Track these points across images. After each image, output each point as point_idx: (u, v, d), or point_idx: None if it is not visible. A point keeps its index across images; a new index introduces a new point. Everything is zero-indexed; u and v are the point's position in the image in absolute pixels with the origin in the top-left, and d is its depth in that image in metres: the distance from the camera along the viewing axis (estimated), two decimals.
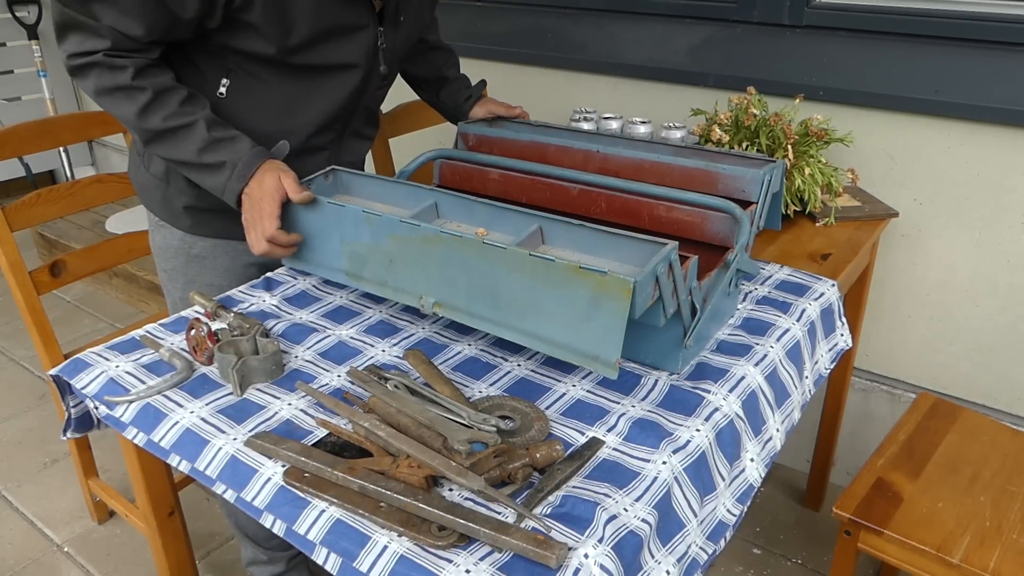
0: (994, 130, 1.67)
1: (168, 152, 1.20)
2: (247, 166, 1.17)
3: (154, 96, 1.16)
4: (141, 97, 1.15)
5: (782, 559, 1.92)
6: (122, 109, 1.17)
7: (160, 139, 1.18)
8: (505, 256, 0.99)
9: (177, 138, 1.17)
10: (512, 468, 0.89)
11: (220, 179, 1.18)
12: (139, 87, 1.15)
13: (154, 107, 1.16)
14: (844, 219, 1.64)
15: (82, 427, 1.18)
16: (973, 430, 1.54)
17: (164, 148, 1.19)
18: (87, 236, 3.18)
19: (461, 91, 1.66)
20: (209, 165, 1.18)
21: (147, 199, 1.41)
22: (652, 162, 1.31)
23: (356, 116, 1.40)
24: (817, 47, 1.86)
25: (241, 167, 1.17)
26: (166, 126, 1.16)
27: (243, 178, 1.17)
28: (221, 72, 1.25)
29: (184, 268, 1.41)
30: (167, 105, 1.17)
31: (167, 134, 1.17)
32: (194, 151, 1.17)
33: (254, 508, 0.90)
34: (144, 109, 1.16)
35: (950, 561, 1.25)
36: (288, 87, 1.28)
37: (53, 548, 1.98)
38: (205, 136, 1.17)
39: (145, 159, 1.37)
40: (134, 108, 1.16)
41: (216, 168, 1.18)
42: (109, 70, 1.14)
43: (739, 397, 1.06)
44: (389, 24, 1.32)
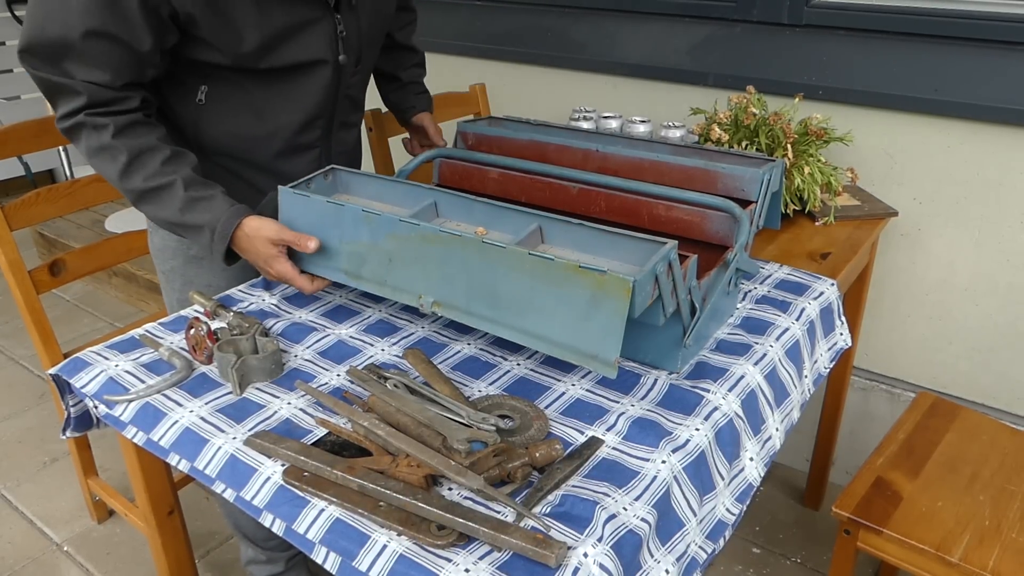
0: (994, 129, 1.67)
1: (154, 212, 1.19)
2: (226, 227, 1.16)
3: (132, 159, 1.16)
4: (120, 158, 1.15)
5: (781, 558, 1.92)
6: (107, 170, 1.17)
7: (143, 199, 1.18)
8: (504, 255, 0.99)
9: (159, 198, 1.17)
10: (511, 467, 0.89)
11: (203, 241, 1.18)
12: (118, 147, 1.15)
13: (135, 167, 1.16)
14: (843, 218, 1.64)
15: (81, 426, 1.18)
16: (972, 429, 1.54)
17: (150, 208, 1.19)
18: (86, 235, 3.18)
19: (408, 98, 1.66)
20: (190, 226, 1.18)
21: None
22: (651, 161, 1.31)
23: (339, 108, 1.39)
24: (816, 46, 1.86)
25: (220, 229, 1.16)
26: (147, 186, 1.16)
27: (223, 240, 1.16)
28: (199, 80, 1.25)
29: (183, 269, 1.41)
30: (147, 165, 1.16)
31: (149, 194, 1.17)
32: (176, 211, 1.17)
33: (253, 507, 0.90)
34: (125, 169, 1.16)
35: (949, 560, 1.25)
36: (263, 90, 1.27)
37: (53, 547, 1.98)
38: (182, 196, 1.16)
39: None
40: (116, 169, 1.16)
41: (197, 231, 1.18)
42: (94, 130, 1.15)
43: (738, 396, 1.06)
44: (345, 11, 1.29)
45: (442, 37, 2.42)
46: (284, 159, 1.31)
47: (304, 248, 1.15)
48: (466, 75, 2.25)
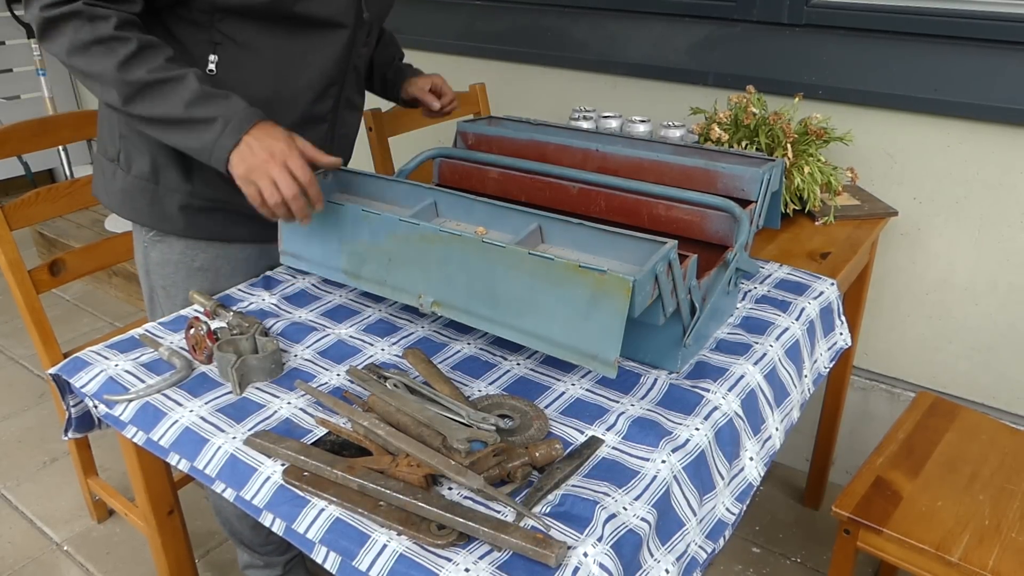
0: (993, 129, 1.67)
1: (150, 108, 1.07)
2: (242, 121, 1.07)
3: (139, 48, 1.06)
4: (123, 49, 1.05)
5: (781, 558, 1.92)
6: (99, 64, 1.06)
7: (142, 93, 1.07)
8: (504, 255, 0.99)
9: (163, 92, 1.07)
10: (511, 467, 0.89)
11: (209, 136, 1.07)
12: (122, 37, 1.05)
13: (139, 59, 1.06)
14: (843, 218, 1.64)
15: (83, 427, 1.18)
16: (972, 429, 1.55)
17: (145, 104, 1.07)
18: (86, 235, 3.18)
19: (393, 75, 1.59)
20: (197, 120, 1.07)
21: (129, 208, 1.32)
22: (651, 161, 1.31)
23: (348, 80, 1.36)
24: (816, 46, 1.86)
25: (235, 122, 1.06)
26: (152, 78, 1.06)
27: (237, 133, 1.06)
28: (208, 48, 1.20)
29: (185, 282, 1.36)
30: (153, 58, 1.07)
31: (152, 87, 1.06)
32: (181, 105, 1.06)
33: (253, 507, 0.90)
34: (127, 60, 1.05)
35: (949, 560, 1.25)
36: (279, 52, 1.23)
37: (52, 547, 1.98)
38: (196, 89, 1.07)
39: (123, 162, 1.30)
40: (114, 60, 1.05)
41: (205, 124, 1.07)
42: (89, 22, 1.05)
43: (738, 396, 1.06)
44: None
45: (442, 37, 2.42)
46: (297, 130, 1.22)
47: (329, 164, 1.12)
48: (466, 75, 2.25)
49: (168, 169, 1.28)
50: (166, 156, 1.27)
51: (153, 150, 1.27)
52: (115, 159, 1.31)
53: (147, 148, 1.27)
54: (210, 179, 1.29)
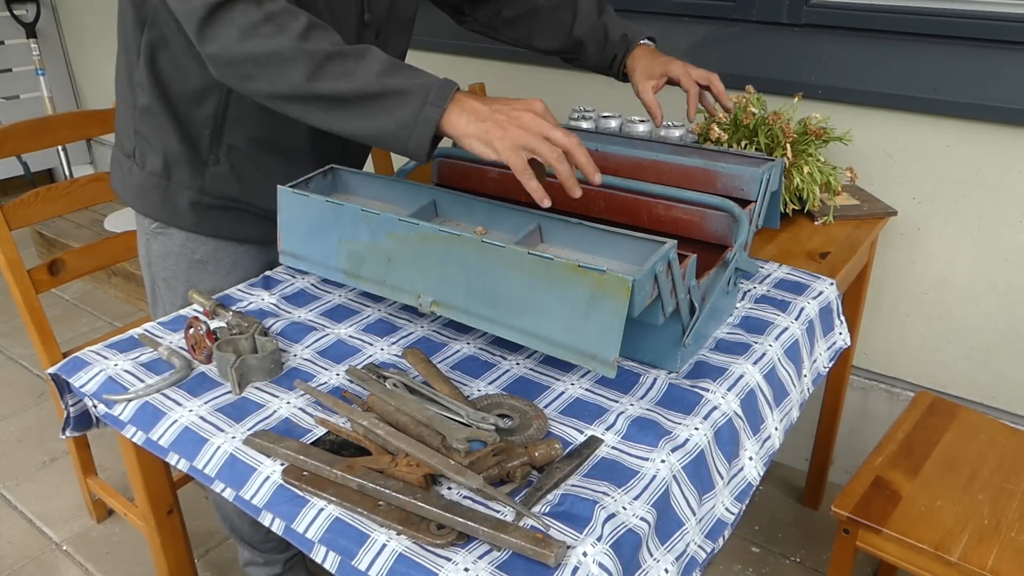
0: (993, 128, 1.67)
1: (336, 84, 0.98)
2: (443, 89, 0.97)
3: (311, 22, 0.99)
4: (296, 24, 0.98)
5: (781, 557, 1.92)
6: (275, 41, 0.98)
7: (327, 66, 0.98)
8: (503, 255, 0.99)
9: (349, 64, 0.98)
10: (511, 466, 0.89)
11: (409, 109, 0.96)
12: (292, 11, 1.00)
13: (316, 31, 0.99)
14: (843, 218, 1.64)
15: (81, 426, 1.18)
16: (971, 429, 1.55)
17: (332, 79, 0.98)
18: (85, 235, 3.18)
19: (607, 53, 1.41)
20: (391, 92, 0.97)
21: (144, 203, 1.34)
22: (651, 161, 1.31)
23: None
24: (816, 46, 1.86)
25: (436, 92, 0.96)
26: (335, 49, 0.98)
27: (441, 103, 0.96)
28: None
29: (186, 274, 1.37)
30: (332, 33, 1.00)
31: (336, 59, 0.98)
32: (373, 75, 0.97)
33: (253, 507, 0.90)
34: (305, 32, 0.98)
35: (948, 559, 1.25)
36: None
37: (52, 546, 1.98)
38: (384, 59, 0.99)
39: (138, 158, 1.32)
40: (292, 33, 0.98)
41: (400, 96, 0.97)
42: (256, 3, 0.99)
43: (738, 396, 1.06)
44: None
45: (442, 37, 2.42)
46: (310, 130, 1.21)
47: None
48: (466, 75, 2.25)
49: (180, 166, 1.29)
50: (179, 154, 1.28)
51: (166, 148, 1.28)
52: (131, 155, 1.33)
53: (160, 146, 1.29)
54: (220, 177, 1.30)
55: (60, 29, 3.84)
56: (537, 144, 0.96)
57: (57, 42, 3.84)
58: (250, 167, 1.31)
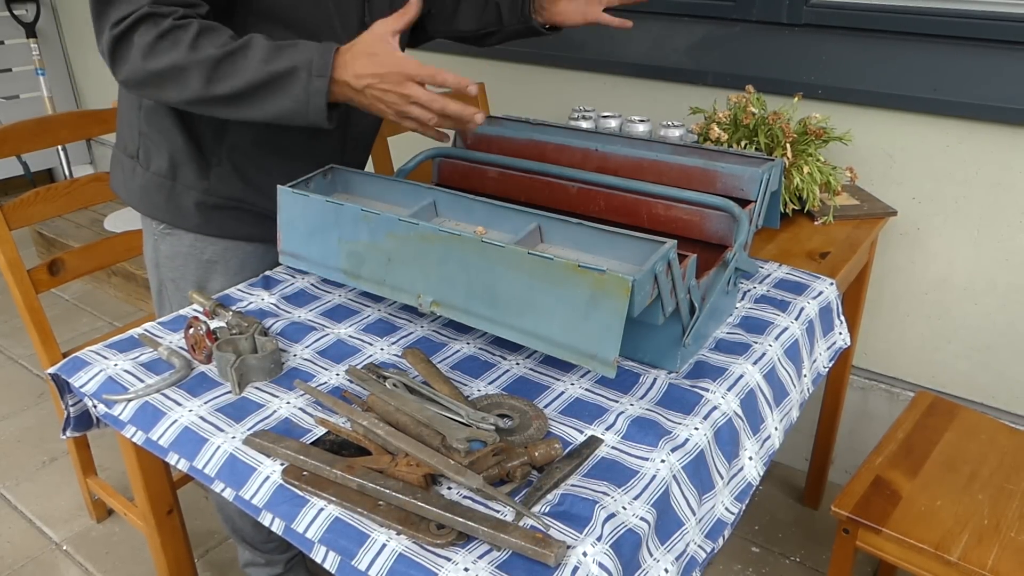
0: (993, 128, 1.67)
1: (231, 83, 1.05)
2: (323, 57, 1.01)
3: (201, 29, 1.05)
4: (186, 35, 1.04)
5: (781, 557, 1.92)
6: (170, 55, 1.04)
7: (218, 70, 1.04)
8: (503, 255, 0.99)
9: (236, 61, 1.04)
10: (511, 466, 0.89)
11: (297, 86, 1.02)
12: (182, 25, 1.05)
13: (204, 38, 1.04)
14: (843, 218, 1.64)
15: (81, 426, 1.18)
16: (971, 428, 1.55)
17: (226, 80, 1.05)
18: (85, 235, 3.18)
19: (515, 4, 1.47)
20: (278, 75, 1.03)
21: (149, 204, 1.35)
22: (651, 160, 1.31)
23: None
24: (816, 45, 1.86)
25: (317, 63, 1.01)
26: (222, 52, 1.04)
27: (324, 71, 1.01)
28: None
29: (194, 275, 1.37)
30: (217, 36, 1.05)
31: (224, 61, 1.04)
32: (259, 64, 1.03)
33: (253, 507, 0.90)
34: (193, 42, 1.04)
35: (948, 559, 1.25)
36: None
37: (52, 546, 1.98)
38: (265, 46, 1.04)
39: (143, 159, 1.32)
40: (182, 47, 1.04)
41: (288, 76, 1.02)
42: (152, 20, 1.05)
43: (737, 395, 1.06)
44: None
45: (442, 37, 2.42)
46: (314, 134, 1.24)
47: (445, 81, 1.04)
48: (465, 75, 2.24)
49: (185, 166, 1.30)
50: (184, 153, 1.29)
51: (171, 148, 1.29)
52: (135, 156, 1.33)
53: (165, 146, 1.29)
54: (225, 177, 1.31)
55: (60, 29, 3.84)
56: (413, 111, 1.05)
57: (57, 42, 3.85)
58: (252, 167, 1.32)
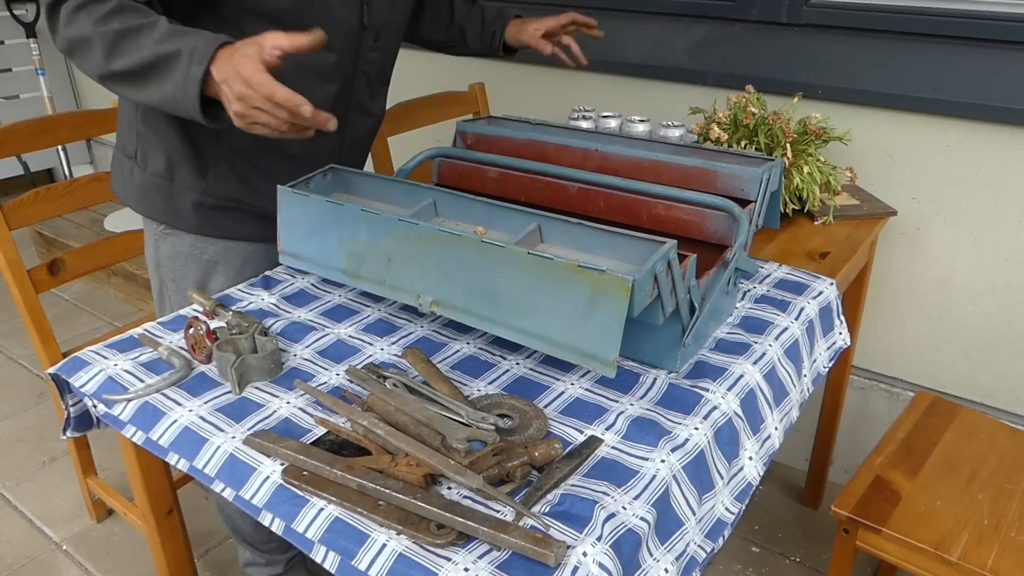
0: (993, 128, 1.67)
1: (126, 60, 1.02)
2: (208, 45, 0.98)
3: (118, 6, 1.03)
4: (100, 9, 1.03)
5: (780, 557, 1.92)
6: (82, 25, 1.03)
7: (117, 45, 1.02)
8: (503, 255, 0.99)
9: (135, 38, 1.02)
10: (511, 466, 0.89)
11: (179, 70, 0.98)
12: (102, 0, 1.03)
13: (114, 14, 1.03)
14: (843, 218, 1.64)
15: (81, 426, 1.18)
16: (971, 428, 1.55)
17: (123, 56, 1.02)
18: (85, 235, 3.18)
19: (486, 32, 1.58)
20: (164, 57, 0.99)
21: (147, 204, 1.35)
22: (651, 160, 1.31)
23: (356, 85, 1.37)
24: (815, 45, 1.86)
25: (201, 48, 0.98)
26: (123, 27, 1.02)
27: (204, 59, 0.97)
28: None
29: (195, 275, 1.38)
30: (129, 15, 1.03)
31: (125, 36, 1.02)
32: (152, 43, 1.00)
33: (253, 507, 0.90)
34: (104, 17, 1.02)
35: (948, 559, 1.25)
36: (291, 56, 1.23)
37: (52, 546, 1.98)
38: (166, 28, 1.02)
39: (140, 159, 1.33)
40: (92, 18, 1.03)
41: (172, 59, 0.99)
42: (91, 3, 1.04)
43: (737, 395, 1.06)
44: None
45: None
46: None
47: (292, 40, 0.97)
48: (465, 74, 2.25)
49: (183, 167, 1.30)
50: (181, 154, 1.29)
51: (169, 149, 1.29)
52: (132, 156, 1.34)
53: (163, 147, 1.30)
54: (223, 177, 1.31)
55: None
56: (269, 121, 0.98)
57: None
58: (250, 168, 1.32)
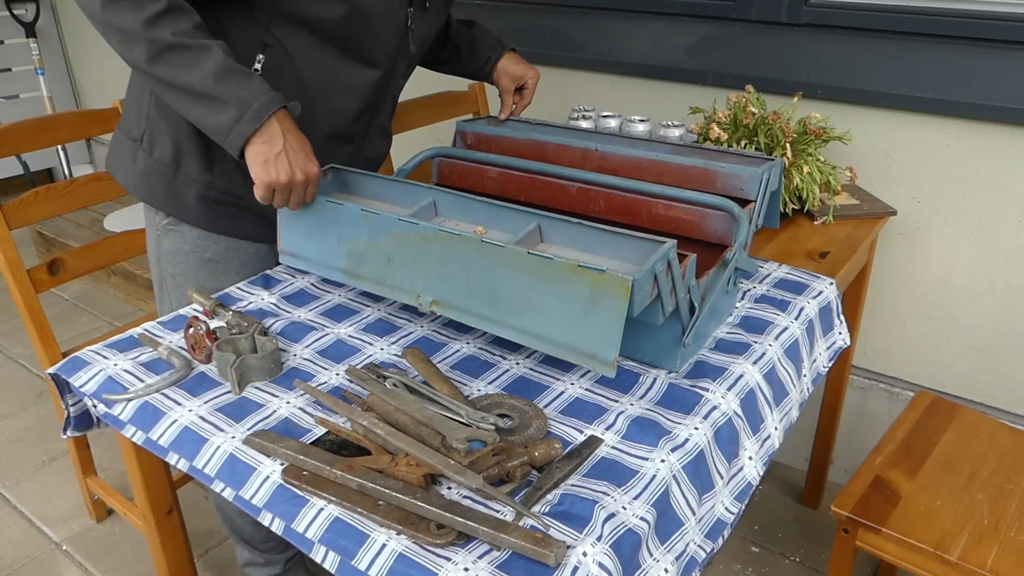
0: (993, 128, 1.67)
1: (175, 74, 1.05)
2: (263, 108, 1.05)
3: (168, 7, 1.04)
4: (151, 5, 1.03)
5: (780, 557, 1.92)
6: (127, 17, 1.03)
7: (168, 55, 1.04)
8: (503, 254, 0.99)
9: (187, 58, 1.04)
10: (511, 466, 0.89)
11: (227, 118, 1.05)
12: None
13: (166, 18, 1.03)
14: (842, 217, 1.64)
15: (81, 426, 1.18)
16: (971, 428, 1.55)
17: (171, 68, 1.05)
18: (85, 234, 3.17)
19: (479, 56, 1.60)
20: (217, 99, 1.05)
21: (147, 191, 1.32)
22: (651, 160, 1.31)
23: (382, 107, 1.38)
24: (815, 45, 1.86)
25: (256, 108, 1.05)
26: (175, 41, 1.03)
27: (256, 121, 1.05)
28: (257, 47, 1.20)
29: (195, 273, 1.37)
30: (180, 21, 1.05)
31: (178, 51, 1.04)
32: (209, 77, 1.04)
33: (252, 506, 0.90)
34: (154, 18, 1.03)
35: (948, 559, 1.25)
36: (322, 69, 1.24)
37: (52, 546, 1.98)
38: (222, 62, 1.05)
39: (146, 144, 1.30)
40: (141, 16, 1.02)
41: (221, 105, 1.05)
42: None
43: (737, 395, 1.06)
44: (418, 7, 1.30)
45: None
46: (321, 144, 1.25)
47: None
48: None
49: (190, 157, 1.28)
50: (190, 144, 1.27)
51: (177, 136, 1.27)
52: (138, 140, 1.31)
53: (171, 134, 1.28)
54: (229, 173, 1.30)
55: (60, 29, 3.84)
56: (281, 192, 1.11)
57: (57, 42, 3.84)
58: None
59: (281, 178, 1.08)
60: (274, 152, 1.07)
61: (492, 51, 1.59)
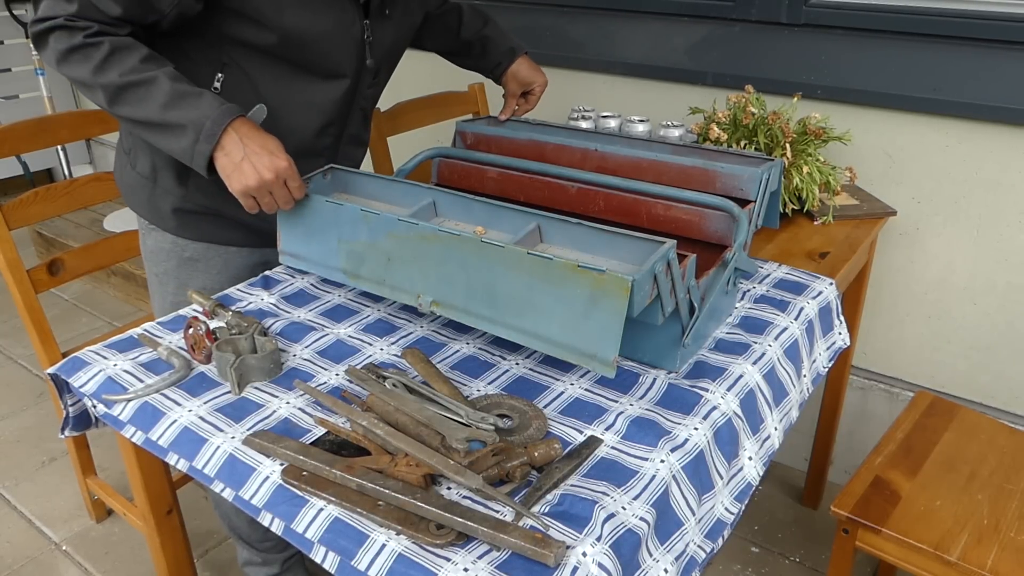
0: (992, 128, 1.67)
1: (132, 111, 1.10)
2: (215, 124, 1.08)
3: (111, 51, 1.08)
4: (96, 54, 1.08)
5: (780, 557, 1.92)
6: (78, 70, 1.09)
7: (123, 95, 1.09)
8: (503, 255, 0.99)
9: (139, 93, 1.09)
10: (510, 466, 0.89)
11: (186, 142, 1.09)
12: (95, 43, 1.09)
13: (111, 62, 1.08)
14: (842, 218, 1.64)
15: (80, 426, 1.18)
16: (971, 428, 1.55)
17: (130, 106, 1.10)
18: (85, 234, 3.17)
19: (491, 58, 1.61)
20: (172, 126, 1.09)
21: (133, 201, 1.39)
22: (650, 160, 1.31)
23: (352, 119, 1.38)
24: (815, 45, 1.86)
25: (209, 126, 1.08)
26: (124, 81, 1.08)
27: (212, 138, 1.08)
28: (216, 67, 1.22)
29: (176, 271, 1.39)
30: (125, 61, 1.09)
31: (127, 90, 1.09)
32: (160, 107, 1.08)
33: (252, 507, 0.90)
34: (101, 65, 1.08)
35: (948, 559, 1.25)
36: (281, 87, 1.25)
37: (51, 546, 1.98)
38: (168, 89, 1.08)
39: (131, 157, 1.34)
40: (90, 66, 1.08)
41: (179, 131, 1.09)
42: (67, 32, 1.09)
43: (737, 396, 1.06)
44: (375, 18, 1.29)
45: None
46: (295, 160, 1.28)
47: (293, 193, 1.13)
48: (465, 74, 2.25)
49: (164, 171, 1.32)
50: (163, 159, 1.31)
51: (153, 153, 1.31)
52: (128, 152, 1.36)
53: (149, 149, 1.31)
54: (203, 186, 1.31)
55: None
56: (262, 196, 1.12)
57: None
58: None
59: (251, 183, 1.09)
60: (237, 161, 1.09)
61: (504, 57, 1.60)
